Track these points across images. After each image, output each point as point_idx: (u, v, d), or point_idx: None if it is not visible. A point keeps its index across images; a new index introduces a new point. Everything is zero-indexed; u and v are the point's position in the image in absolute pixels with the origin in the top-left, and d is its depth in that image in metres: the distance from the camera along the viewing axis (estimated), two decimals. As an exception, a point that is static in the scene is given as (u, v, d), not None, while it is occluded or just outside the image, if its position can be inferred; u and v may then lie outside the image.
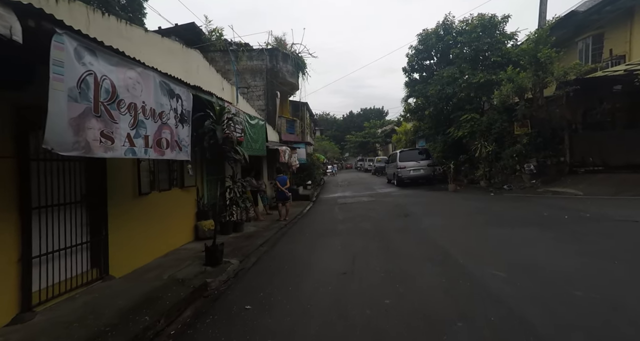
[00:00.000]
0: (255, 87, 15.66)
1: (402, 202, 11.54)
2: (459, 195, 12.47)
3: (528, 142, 12.14)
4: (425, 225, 7.26)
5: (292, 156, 13.79)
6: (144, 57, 3.86)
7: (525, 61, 11.73)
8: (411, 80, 19.27)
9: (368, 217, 9.07)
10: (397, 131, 36.88)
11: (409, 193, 14.32)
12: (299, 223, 9.38)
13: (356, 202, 12.69)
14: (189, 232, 6.71)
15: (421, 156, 17.36)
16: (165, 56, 5.85)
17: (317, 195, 17.03)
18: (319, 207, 12.46)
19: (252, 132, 7.87)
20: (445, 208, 9.53)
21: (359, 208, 10.96)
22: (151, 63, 3.92)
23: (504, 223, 6.83)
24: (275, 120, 15.66)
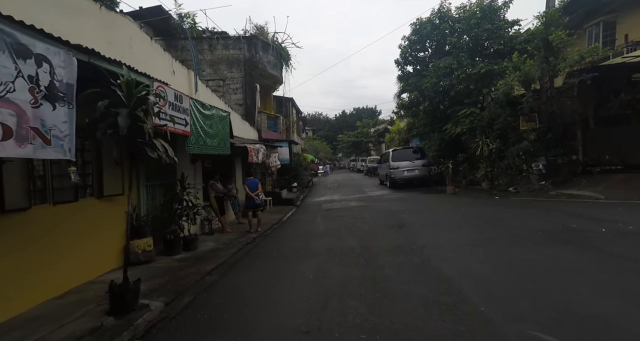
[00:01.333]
0: (232, 79, 14.00)
1: (396, 207, 9.98)
2: (459, 198, 10.97)
3: (536, 138, 10.69)
4: (424, 242, 5.70)
5: (272, 156, 12.17)
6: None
7: (533, 46, 10.27)
8: (404, 73, 17.78)
9: (354, 228, 7.49)
10: (391, 130, 35.46)
11: (402, 196, 12.79)
12: (271, 236, 7.76)
13: (343, 207, 11.11)
14: (113, 255, 5.04)
15: (416, 155, 15.85)
16: (66, 15, 4.18)
17: (302, 199, 15.41)
18: (301, 215, 10.85)
19: (207, 124, 6.23)
20: (445, 217, 8.00)
21: (345, 216, 9.38)
22: (32, 20, 2.40)
23: (525, 240, 5.30)
24: (255, 116, 14.01)
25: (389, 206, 10.42)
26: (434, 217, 8.01)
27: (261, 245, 6.80)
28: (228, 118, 7.33)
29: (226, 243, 6.91)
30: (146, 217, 5.71)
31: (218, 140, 6.79)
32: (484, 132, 12.53)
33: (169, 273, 4.89)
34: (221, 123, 6.96)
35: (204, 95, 8.22)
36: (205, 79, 13.86)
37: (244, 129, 11.84)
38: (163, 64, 6.47)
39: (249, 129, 12.68)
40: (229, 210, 9.68)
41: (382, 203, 11.16)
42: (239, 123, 11.17)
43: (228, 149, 7.24)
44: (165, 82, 4.85)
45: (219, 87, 13.91)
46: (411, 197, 12.28)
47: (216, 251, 6.27)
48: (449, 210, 8.81)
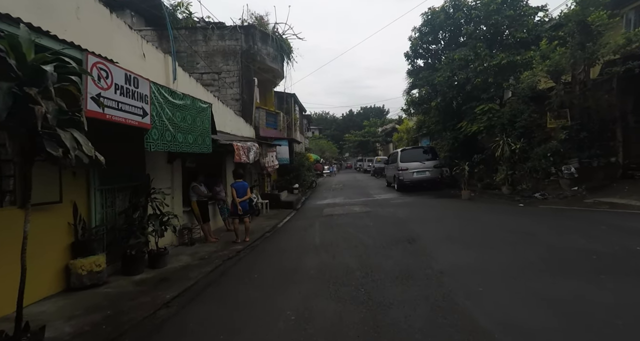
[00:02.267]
0: (228, 72, 12.95)
1: (404, 214, 8.77)
2: (477, 205, 9.69)
3: (567, 137, 9.34)
4: (442, 265, 4.50)
5: (268, 155, 11.06)
6: None
7: (566, 31, 8.91)
8: (415, 67, 16.49)
9: (356, 241, 6.31)
10: (399, 129, 34.08)
11: (412, 201, 11.55)
12: (259, 249, 6.64)
13: (346, 213, 9.93)
14: (49, 279, 3.98)
15: (426, 156, 14.57)
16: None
17: (303, 202, 14.28)
18: (299, 220, 9.72)
19: (178, 116, 5.14)
20: (465, 229, 6.76)
21: (347, 224, 8.21)
22: None
23: (578, 267, 4.06)
24: (252, 112, 12.93)
25: (396, 212, 9.20)
26: (450, 229, 6.78)
27: (243, 262, 5.68)
28: (209, 111, 6.23)
29: (203, 258, 5.82)
30: (98, 228, 4.63)
31: (195, 136, 5.69)
32: (504, 130, 11.20)
33: (115, 303, 3.80)
34: (199, 116, 5.87)
35: (186, 85, 7.14)
36: (199, 72, 12.85)
37: (238, 125, 10.77)
38: (128, 45, 5.40)
39: (245, 126, 11.60)
40: (217, 215, 8.61)
41: (389, 209, 9.94)
42: (231, 119, 10.10)
43: (209, 146, 6.14)
44: (111, 60, 3.76)
45: (214, 80, 12.88)
46: (421, 202, 11.03)
47: (188, 269, 5.17)
48: (468, 220, 7.56)
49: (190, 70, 12.83)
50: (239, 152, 7.27)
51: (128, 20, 12.26)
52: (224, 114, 9.45)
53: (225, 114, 9.59)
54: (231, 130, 9.92)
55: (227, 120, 9.62)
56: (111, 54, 4.27)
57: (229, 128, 9.78)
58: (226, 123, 9.55)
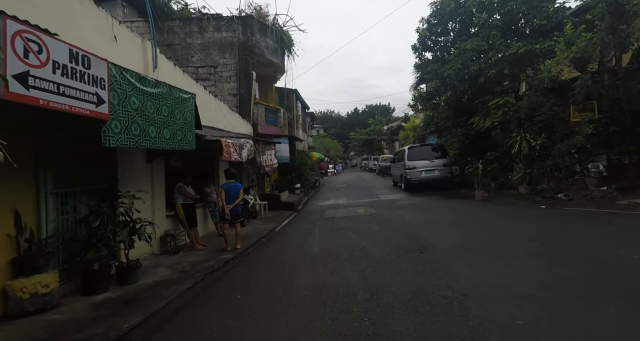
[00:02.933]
0: (225, 66, 12.18)
1: (413, 218, 7.91)
2: (494, 207, 8.78)
3: (594, 132, 8.38)
4: (463, 285, 3.66)
5: (266, 153, 10.27)
6: None
7: (596, 12, 7.92)
8: (422, 61, 15.52)
9: (359, 250, 5.48)
10: (405, 127, 33.06)
11: (421, 202, 10.66)
12: (250, 259, 5.84)
13: (349, 216, 9.10)
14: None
15: (435, 154, 13.65)
16: None
17: (304, 203, 13.48)
18: (298, 224, 8.92)
19: (150, 107, 4.36)
20: (484, 236, 5.88)
21: (350, 228, 7.38)
22: None
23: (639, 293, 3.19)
24: (250, 108, 12.15)
25: (404, 215, 8.34)
26: (466, 236, 5.91)
27: (229, 276, 4.89)
28: (192, 102, 5.45)
29: (184, 271, 5.05)
30: (51, 240, 3.87)
31: (173, 131, 4.91)
32: (521, 125, 10.24)
33: (55, 337, 3.04)
34: (179, 108, 5.08)
35: (170, 75, 6.37)
36: (194, 66, 12.12)
37: (234, 122, 10.00)
38: (95, 25, 4.63)
39: (241, 122, 10.82)
40: (208, 219, 7.85)
41: (396, 212, 9.08)
42: (225, 114, 9.32)
43: (191, 143, 5.36)
44: (47, 30, 2.97)
45: (209, 74, 12.13)
46: (431, 204, 10.14)
47: (162, 286, 4.40)
48: (485, 225, 6.68)
49: (185, 64, 12.11)
50: (229, 149, 6.48)
51: (119, 11, 11.60)
52: (217, 109, 8.69)
53: (219, 109, 8.82)
54: (225, 127, 9.15)
55: (220, 116, 8.85)
56: (69, 35, 3.51)
57: (223, 124, 9.01)
58: (219, 118, 8.78)
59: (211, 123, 8.33)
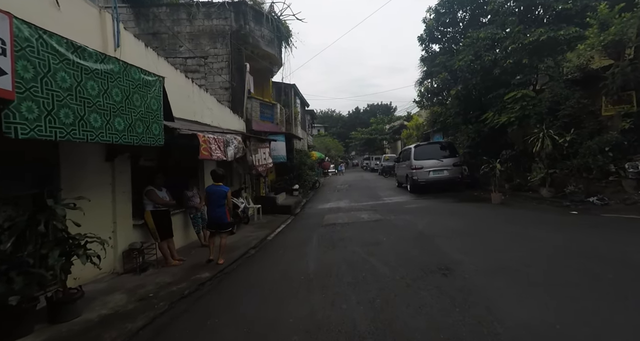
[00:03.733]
0: (216, 56, 11.11)
1: (426, 225, 6.81)
2: (516, 212, 7.67)
3: (632, 127, 7.28)
4: (513, 331, 2.57)
5: (260, 151, 9.18)
6: None
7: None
8: (429, 53, 14.43)
9: (365, 271, 4.40)
10: (408, 126, 31.93)
11: (431, 206, 9.56)
12: (230, 281, 4.76)
13: (351, 222, 8.00)
14: None
15: (444, 152, 12.55)
16: None
17: (303, 205, 12.41)
18: (293, 231, 7.84)
19: (93, 88, 3.29)
20: (517, 250, 4.77)
21: (352, 239, 6.29)
22: None
23: None
24: (244, 102, 11.08)
25: (414, 222, 7.25)
26: (497, 249, 4.81)
27: (199, 306, 3.80)
28: (159, 87, 4.38)
29: (145, 298, 3.97)
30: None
31: (131, 121, 3.84)
32: (542, 120, 9.13)
33: None
34: (139, 93, 4.01)
35: (140, 58, 5.29)
36: (182, 56, 11.06)
37: (223, 116, 8.92)
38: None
39: (232, 117, 9.75)
40: (190, 228, 6.78)
41: (405, 217, 7.99)
42: (212, 108, 8.24)
43: (157, 137, 4.29)
44: None
45: (199, 66, 11.06)
46: (443, 208, 9.04)
47: (108, 324, 3.33)
48: (514, 235, 5.57)
49: (173, 55, 11.07)
50: (209, 146, 5.40)
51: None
52: (201, 101, 7.62)
53: (204, 101, 7.75)
54: (212, 121, 8.08)
55: (205, 109, 7.78)
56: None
57: (209, 119, 7.94)
58: (204, 112, 7.72)
59: (195, 117, 7.28)
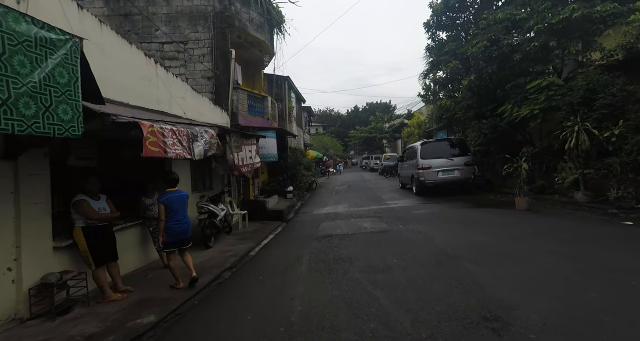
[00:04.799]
0: (197, 42, 9.68)
1: (447, 240, 5.40)
2: (553, 223, 6.25)
3: (696, 118, 5.86)
4: None
5: (244, 149, 7.75)
6: None
7: None
8: (437, 42, 13.02)
9: (373, 318, 2.97)
10: (409, 124, 30.53)
11: (444, 212, 8.15)
12: (185, 324, 3.32)
13: (352, 234, 6.58)
14: None
15: (454, 151, 11.17)
16: None
17: (297, 210, 11.00)
18: (280, 247, 6.41)
19: None
20: (591, 287, 3.35)
21: (354, 259, 4.86)
22: None
23: None
24: (229, 94, 9.66)
25: (430, 234, 5.83)
26: (563, 285, 3.39)
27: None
28: (72, 52, 2.95)
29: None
30: None
31: (23, 100, 2.43)
32: (574, 112, 7.72)
33: None
34: (27, 56, 2.58)
35: (66, 18, 3.85)
36: (159, 42, 9.62)
37: (200, 108, 7.49)
38: None
39: (212, 110, 8.32)
40: (149, 245, 5.35)
41: (416, 227, 6.57)
42: (185, 97, 6.81)
43: (72, 126, 2.87)
44: None
45: (178, 52, 9.63)
46: (460, 215, 7.63)
47: None
48: (574, 259, 4.13)
49: (148, 40, 9.64)
50: (161, 139, 3.96)
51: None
52: (169, 87, 6.19)
53: (173, 87, 6.32)
54: (185, 113, 6.66)
55: (175, 98, 6.35)
56: None
57: (181, 110, 6.52)
58: (173, 101, 6.29)
59: (159, 106, 5.85)
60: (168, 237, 4.24)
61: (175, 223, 4.26)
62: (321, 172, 30.55)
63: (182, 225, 4.33)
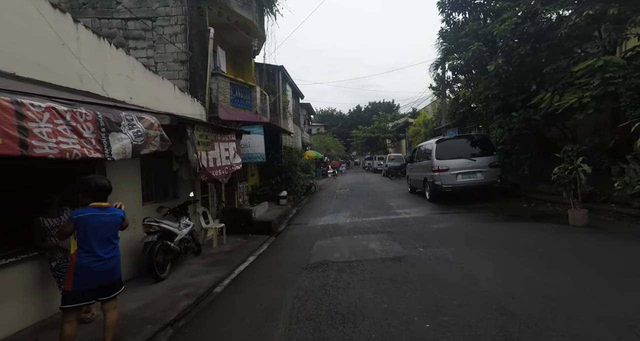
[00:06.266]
0: (167, 18, 7.91)
1: (498, 283, 3.57)
2: (632, 248, 4.40)
3: None
4: None
5: (218, 147, 5.97)
6: None
7: None
8: (451, 25, 11.17)
9: None
10: (414, 123, 28.65)
11: (473, 228, 6.31)
12: None
13: (355, 261, 4.75)
14: None
15: (474, 149, 9.35)
16: None
17: (290, 219, 9.21)
18: (255, 281, 4.59)
19: None
20: None
21: (358, 319, 3.04)
22: None
23: None
24: (207, 81, 7.88)
25: (468, 268, 4.01)
26: None
27: None
28: None
29: None
30: None
31: None
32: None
33: None
34: None
35: None
36: (120, 18, 7.84)
37: (157, 94, 5.70)
38: None
39: (179, 98, 6.54)
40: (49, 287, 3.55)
41: (443, 251, 4.74)
42: (133, 76, 5.02)
43: None
44: None
45: (145, 30, 7.86)
46: (497, 233, 5.79)
47: None
48: None
49: (108, 15, 7.90)
50: (10, 122, 2.18)
51: None
52: (102, 56, 4.41)
53: (107, 57, 4.53)
54: (132, 98, 4.88)
55: (111, 72, 4.56)
56: None
57: (125, 93, 4.75)
58: (110, 79, 4.50)
59: (82, 85, 4.06)
60: (77, 282, 2.45)
61: (91, 259, 2.49)
62: (321, 173, 28.75)
63: (104, 263, 2.55)
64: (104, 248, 2.54)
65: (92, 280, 2.48)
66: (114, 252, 2.64)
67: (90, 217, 2.50)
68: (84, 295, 2.47)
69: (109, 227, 2.60)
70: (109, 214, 2.61)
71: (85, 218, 2.48)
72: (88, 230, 2.48)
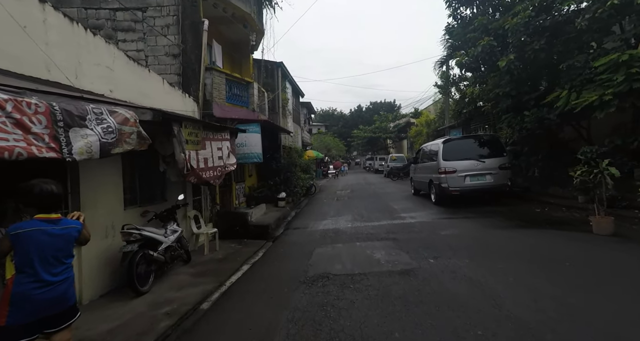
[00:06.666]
0: (159, 8, 7.40)
1: (528, 306, 3.06)
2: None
3: None
4: None
5: (212, 146, 5.47)
6: None
7: None
8: (459, 20, 10.64)
9: None
10: (417, 123, 28.11)
11: (487, 235, 5.78)
12: None
13: (359, 274, 4.24)
14: None
15: (483, 150, 8.85)
16: None
17: (288, 222, 8.70)
18: (247, 298, 4.07)
19: None
20: None
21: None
22: None
23: None
24: (200, 76, 7.37)
25: (487, 284, 3.50)
26: None
27: None
28: None
29: None
30: None
31: None
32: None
33: None
34: None
35: None
36: (109, 8, 7.32)
37: (142, 87, 5.19)
38: None
39: (167, 91, 6.03)
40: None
41: (456, 263, 4.23)
42: (110, 66, 4.51)
43: None
44: None
45: (135, 22, 7.35)
46: (513, 242, 5.27)
47: None
48: None
49: (95, 4, 7.39)
50: None
51: None
52: (74, 43, 3.90)
53: (82, 44, 4.02)
54: (111, 91, 4.38)
55: (86, 62, 4.05)
56: None
57: (105, 85, 4.25)
58: (85, 69, 3.99)
59: (49, 75, 3.55)
60: (13, 314, 1.93)
61: (33, 285, 1.96)
62: (322, 173, 28.25)
63: (51, 288, 2.02)
64: (51, 270, 2.03)
65: (34, 311, 1.97)
66: (66, 273, 2.12)
67: (32, 233, 1.99)
68: (24, 329, 1.96)
69: (59, 244, 2.08)
70: (59, 228, 2.10)
71: (25, 235, 1.97)
72: (30, 248, 1.97)
